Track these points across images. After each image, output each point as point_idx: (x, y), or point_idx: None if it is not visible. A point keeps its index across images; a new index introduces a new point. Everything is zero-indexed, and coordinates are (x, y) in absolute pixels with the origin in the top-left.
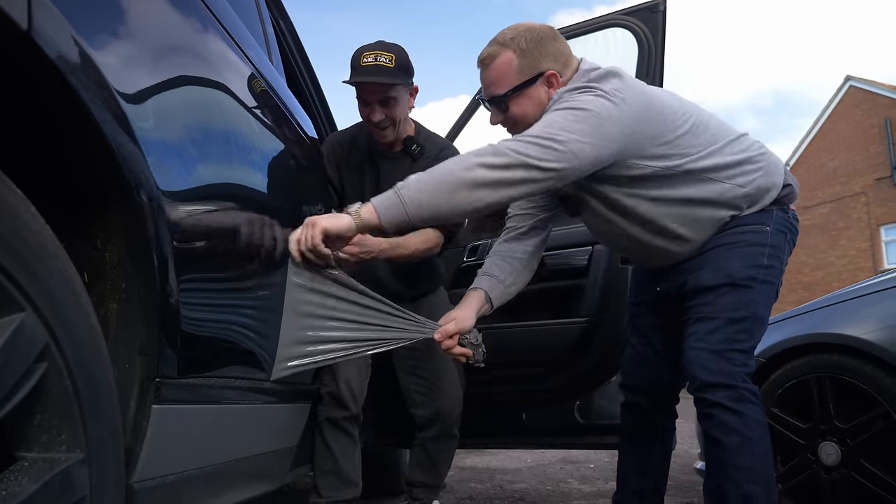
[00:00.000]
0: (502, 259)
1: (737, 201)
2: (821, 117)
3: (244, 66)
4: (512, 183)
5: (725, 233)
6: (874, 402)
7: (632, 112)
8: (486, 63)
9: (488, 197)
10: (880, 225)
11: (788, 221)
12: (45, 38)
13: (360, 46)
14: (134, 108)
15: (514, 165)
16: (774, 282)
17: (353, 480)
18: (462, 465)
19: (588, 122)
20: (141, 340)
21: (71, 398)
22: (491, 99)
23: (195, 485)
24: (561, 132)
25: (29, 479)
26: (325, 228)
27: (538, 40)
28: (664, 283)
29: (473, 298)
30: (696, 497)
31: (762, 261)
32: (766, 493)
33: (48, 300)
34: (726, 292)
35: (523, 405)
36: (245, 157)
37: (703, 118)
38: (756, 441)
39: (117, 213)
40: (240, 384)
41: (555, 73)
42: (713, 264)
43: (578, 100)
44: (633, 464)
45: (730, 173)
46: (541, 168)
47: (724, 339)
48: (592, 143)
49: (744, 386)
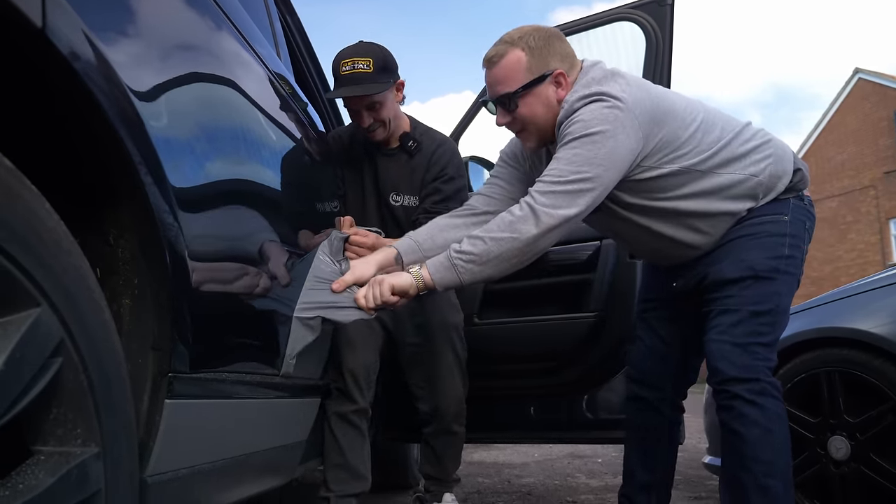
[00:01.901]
0: (435, 230)
1: (752, 190)
2: (829, 110)
3: (254, 63)
4: (559, 233)
5: (743, 224)
6: (884, 396)
7: (642, 113)
8: (495, 61)
9: (539, 251)
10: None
11: (805, 209)
12: (59, 36)
13: (339, 52)
14: (146, 104)
15: (559, 225)
16: (796, 272)
17: (362, 474)
18: (469, 459)
19: (606, 144)
20: (153, 336)
21: (86, 393)
22: (498, 98)
23: (207, 479)
24: (585, 167)
25: (45, 472)
26: (392, 285)
27: (546, 39)
28: (681, 280)
29: (381, 254)
30: (703, 491)
31: (783, 251)
32: (783, 487)
33: (63, 296)
34: (749, 285)
35: (532, 399)
36: (256, 153)
37: (709, 114)
38: (776, 434)
39: (129, 210)
40: (251, 379)
41: (563, 73)
42: (734, 256)
43: (589, 119)
44: (639, 458)
45: (744, 163)
46: (580, 212)
47: (747, 331)
48: (615, 163)
49: (766, 380)
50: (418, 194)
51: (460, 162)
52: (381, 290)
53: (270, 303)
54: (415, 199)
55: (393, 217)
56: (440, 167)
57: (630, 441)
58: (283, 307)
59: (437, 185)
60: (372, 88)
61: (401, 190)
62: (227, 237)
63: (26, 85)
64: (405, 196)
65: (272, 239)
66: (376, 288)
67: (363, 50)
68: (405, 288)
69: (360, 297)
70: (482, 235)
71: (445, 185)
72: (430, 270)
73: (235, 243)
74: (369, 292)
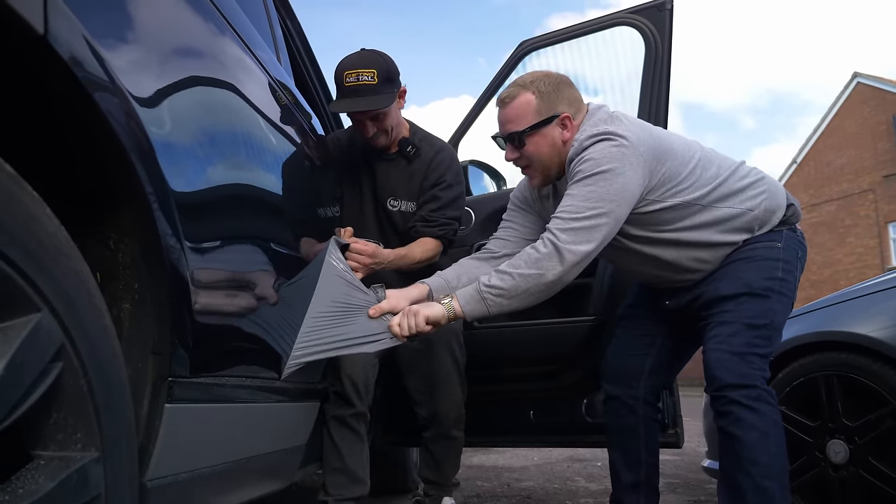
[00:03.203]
0: (462, 271)
1: (749, 224)
2: (828, 114)
3: (255, 67)
4: (581, 268)
5: (740, 250)
6: (882, 400)
7: (646, 150)
8: (507, 102)
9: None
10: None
11: (798, 240)
12: (61, 42)
13: (341, 61)
14: (146, 109)
15: (581, 261)
16: (790, 294)
17: (361, 478)
18: (469, 463)
19: (617, 181)
20: (154, 340)
21: (86, 397)
22: (508, 136)
23: (207, 483)
24: (599, 203)
25: (45, 477)
26: (427, 316)
27: (556, 85)
28: (674, 299)
29: (415, 289)
30: (702, 495)
31: (777, 273)
32: (780, 489)
33: (63, 301)
34: (745, 301)
35: (532, 403)
36: (256, 157)
37: (706, 152)
38: (772, 438)
39: (129, 214)
40: (250, 383)
41: (569, 116)
42: (731, 276)
43: (600, 158)
44: (622, 460)
45: (740, 198)
46: (598, 245)
47: (744, 342)
48: (625, 198)
49: (762, 387)
50: (416, 200)
51: (459, 169)
52: (416, 321)
53: (270, 307)
54: (412, 205)
55: (390, 222)
56: (439, 174)
57: (611, 445)
58: (283, 312)
59: (436, 192)
60: (377, 102)
61: (398, 195)
62: (226, 241)
63: (27, 90)
64: (402, 201)
65: (272, 243)
66: (411, 318)
67: (367, 60)
68: (438, 318)
69: (394, 324)
70: (510, 271)
71: (444, 193)
72: (460, 302)
73: (235, 248)
74: (404, 321)
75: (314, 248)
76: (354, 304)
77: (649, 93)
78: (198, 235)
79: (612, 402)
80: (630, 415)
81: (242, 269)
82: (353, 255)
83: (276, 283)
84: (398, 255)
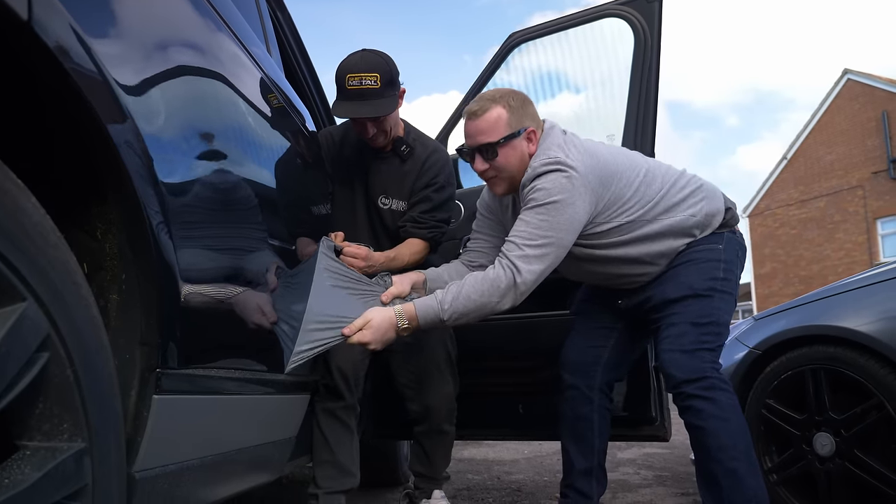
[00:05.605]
0: (454, 270)
1: (691, 229)
2: (818, 111)
3: (243, 58)
4: (532, 289)
5: (683, 254)
6: (868, 393)
7: (594, 179)
8: (479, 114)
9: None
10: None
11: (738, 241)
12: (45, 29)
13: (343, 62)
14: (133, 99)
15: (534, 282)
16: (732, 292)
17: (351, 471)
18: (459, 456)
19: (566, 212)
20: (141, 331)
21: (72, 387)
22: (480, 147)
23: (195, 474)
24: (549, 232)
25: (31, 467)
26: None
27: (522, 101)
28: (626, 300)
29: (415, 275)
30: (691, 487)
31: (719, 274)
32: (747, 465)
33: (49, 290)
34: (691, 302)
35: (522, 396)
36: (245, 150)
37: (650, 166)
38: (732, 421)
39: (116, 204)
40: (239, 375)
41: (534, 131)
42: (675, 280)
43: (551, 188)
44: (576, 447)
45: (682, 207)
46: (548, 267)
47: (693, 340)
48: (573, 226)
49: (714, 376)
50: (407, 199)
51: (451, 170)
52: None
53: (259, 299)
54: (403, 204)
55: (381, 220)
56: (432, 175)
57: (564, 432)
58: (273, 304)
59: (428, 194)
60: (381, 107)
61: (390, 193)
62: (215, 233)
63: (11, 78)
64: (394, 200)
65: (261, 235)
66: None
67: (370, 64)
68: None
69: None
70: (470, 295)
71: (436, 194)
72: (419, 317)
73: (224, 239)
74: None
75: (307, 248)
76: (360, 293)
77: (639, 85)
78: (186, 226)
79: (570, 391)
80: (585, 404)
81: (231, 260)
82: (346, 258)
83: (265, 274)
84: (388, 258)
